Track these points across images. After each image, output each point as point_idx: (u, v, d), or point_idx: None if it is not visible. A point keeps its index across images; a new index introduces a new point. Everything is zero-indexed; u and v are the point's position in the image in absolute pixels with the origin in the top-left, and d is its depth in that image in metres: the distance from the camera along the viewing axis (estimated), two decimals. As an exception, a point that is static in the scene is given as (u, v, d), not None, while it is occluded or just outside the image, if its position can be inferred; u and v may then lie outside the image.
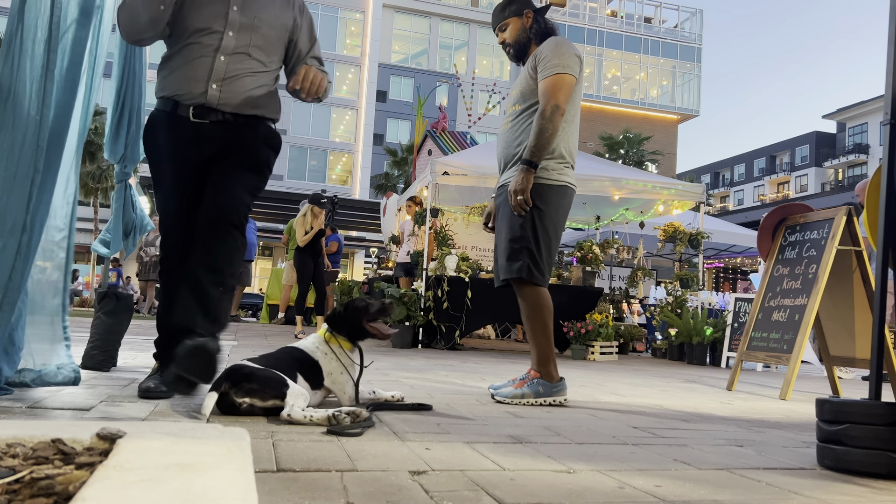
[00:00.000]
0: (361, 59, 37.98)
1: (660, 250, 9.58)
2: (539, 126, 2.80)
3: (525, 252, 2.84)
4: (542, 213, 2.86)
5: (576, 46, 2.98)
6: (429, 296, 6.58)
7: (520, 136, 2.96)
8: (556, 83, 2.83)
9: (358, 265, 34.31)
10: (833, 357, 4.06)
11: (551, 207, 2.89)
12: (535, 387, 2.80)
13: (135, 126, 2.99)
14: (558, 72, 2.84)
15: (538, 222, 2.86)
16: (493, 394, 2.87)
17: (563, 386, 2.85)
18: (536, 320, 2.86)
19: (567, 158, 2.95)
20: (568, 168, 2.97)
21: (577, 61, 2.92)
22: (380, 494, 1.27)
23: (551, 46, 2.91)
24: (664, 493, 1.41)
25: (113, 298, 3.11)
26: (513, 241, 2.88)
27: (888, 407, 1.71)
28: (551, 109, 2.80)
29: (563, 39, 2.98)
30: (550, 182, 2.89)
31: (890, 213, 1.87)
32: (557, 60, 2.86)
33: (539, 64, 2.92)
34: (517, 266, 2.85)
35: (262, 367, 2.11)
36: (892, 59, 1.89)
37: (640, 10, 49.00)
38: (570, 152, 2.97)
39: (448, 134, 10.47)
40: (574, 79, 2.89)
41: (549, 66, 2.86)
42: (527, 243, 2.84)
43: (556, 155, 2.91)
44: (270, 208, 16.17)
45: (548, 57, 2.88)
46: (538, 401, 2.78)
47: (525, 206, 2.81)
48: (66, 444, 0.89)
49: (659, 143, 45.01)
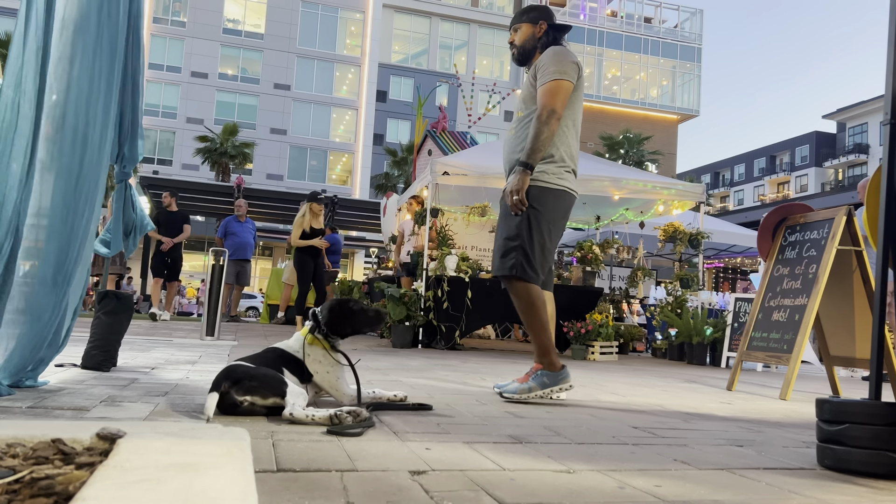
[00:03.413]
0: (361, 59, 37.98)
1: (660, 250, 9.58)
2: (535, 129, 2.89)
3: (519, 250, 2.92)
4: (538, 213, 2.94)
5: (574, 55, 3.05)
6: (429, 296, 6.58)
7: (521, 142, 3.04)
8: (553, 88, 2.92)
9: (358, 265, 34.33)
10: (833, 357, 4.06)
11: (548, 209, 2.97)
12: (539, 378, 2.86)
13: (129, 125, 2.96)
14: (555, 78, 2.93)
15: (534, 223, 2.93)
16: (501, 392, 2.91)
17: (567, 373, 2.91)
18: (531, 314, 2.94)
19: (567, 163, 3.03)
20: (568, 173, 3.04)
21: (575, 68, 3.00)
22: (380, 494, 1.27)
23: (550, 55, 3.01)
24: (664, 493, 1.41)
25: (113, 298, 3.11)
26: (508, 240, 2.96)
27: (888, 407, 1.71)
28: (547, 113, 2.89)
29: (563, 48, 3.06)
30: (549, 185, 2.97)
31: (890, 213, 1.87)
32: (555, 67, 2.95)
33: (538, 71, 3.01)
34: (510, 263, 2.93)
35: (258, 366, 2.13)
36: (892, 59, 1.89)
37: (640, 10, 49.00)
38: (571, 157, 3.05)
39: (448, 134, 10.46)
40: (571, 84, 2.97)
41: (546, 72, 2.96)
42: (521, 242, 2.92)
43: (555, 159, 2.99)
44: (270, 208, 16.18)
45: (546, 64, 2.98)
46: (546, 391, 2.84)
47: (521, 205, 2.89)
48: (66, 444, 0.89)
49: (659, 143, 45.02)
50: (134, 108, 2.97)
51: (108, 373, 2.97)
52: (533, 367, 2.93)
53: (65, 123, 2.31)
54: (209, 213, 18.18)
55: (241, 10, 37.24)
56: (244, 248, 10.02)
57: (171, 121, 35.48)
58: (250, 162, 33.62)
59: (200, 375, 3.08)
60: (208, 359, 3.97)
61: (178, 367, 3.37)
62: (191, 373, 3.17)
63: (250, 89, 36.51)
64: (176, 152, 35.22)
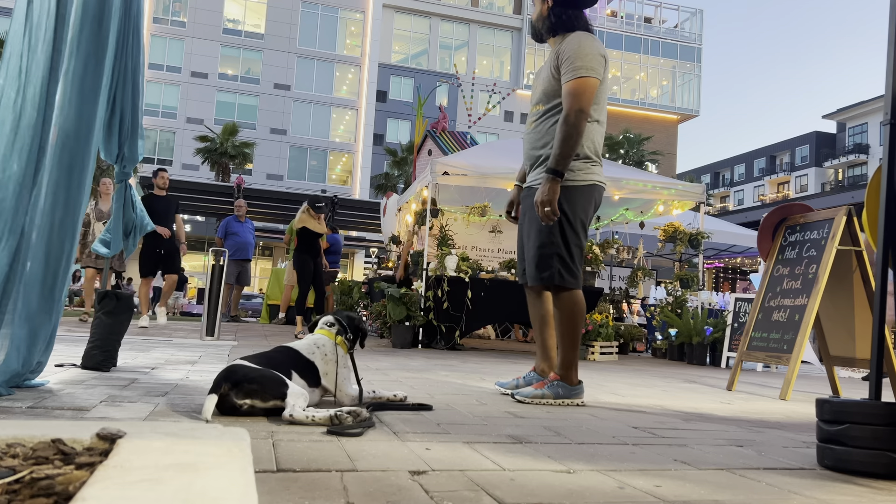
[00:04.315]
0: (361, 59, 37.97)
1: (660, 250, 9.57)
2: (563, 133, 2.74)
3: (556, 258, 2.83)
4: (570, 215, 2.84)
5: (601, 44, 2.85)
6: (429, 296, 6.58)
7: (544, 136, 2.92)
8: (580, 87, 2.75)
9: (358, 265, 34.31)
10: (833, 357, 4.06)
11: (578, 209, 2.86)
12: (555, 388, 2.83)
13: (129, 125, 2.96)
14: (581, 75, 2.76)
15: (566, 226, 2.84)
16: (513, 394, 2.89)
17: (581, 389, 2.89)
18: (569, 326, 2.87)
19: (593, 157, 2.91)
20: (595, 166, 2.92)
21: (602, 62, 2.83)
22: (380, 494, 1.27)
23: (574, 46, 2.81)
24: (664, 493, 1.41)
25: (113, 298, 3.11)
26: (542, 248, 2.86)
27: (888, 407, 1.71)
28: (575, 115, 2.73)
29: (588, 37, 2.85)
30: (577, 183, 2.85)
31: (890, 213, 1.87)
32: (581, 62, 2.77)
33: (562, 65, 2.83)
34: (548, 274, 2.84)
35: (259, 367, 2.12)
36: (892, 59, 1.89)
37: (640, 10, 48.98)
38: (596, 151, 2.93)
39: (448, 134, 10.46)
40: (598, 81, 2.81)
41: (572, 67, 2.78)
42: (556, 249, 2.83)
43: (581, 156, 2.86)
44: (270, 208, 16.17)
45: (571, 58, 2.79)
46: (557, 402, 2.82)
47: (552, 216, 2.75)
48: (66, 444, 0.89)
49: (659, 143, 45.01)
50: (134, 108, 2.97)
51: (108, 373, 2.97)
52: (550, 376, 2.89)
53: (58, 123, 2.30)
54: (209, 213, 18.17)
55: (241, 10, 37.23)
56: (245, 248, 10.01)
57: (171, 121, 35.48)
58: (250, 162, 33.61)
59: (200, 375, 3.08)
60: (208, 359, 3.97)
61: (178, 367, 3.37)
62: (191, 373, 3.17)
63: (250, 89, 36.50)
64: (176, 152, 35.21)
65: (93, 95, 2.44)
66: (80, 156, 2.37)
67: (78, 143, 2.37)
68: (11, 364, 2.19)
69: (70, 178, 2.36)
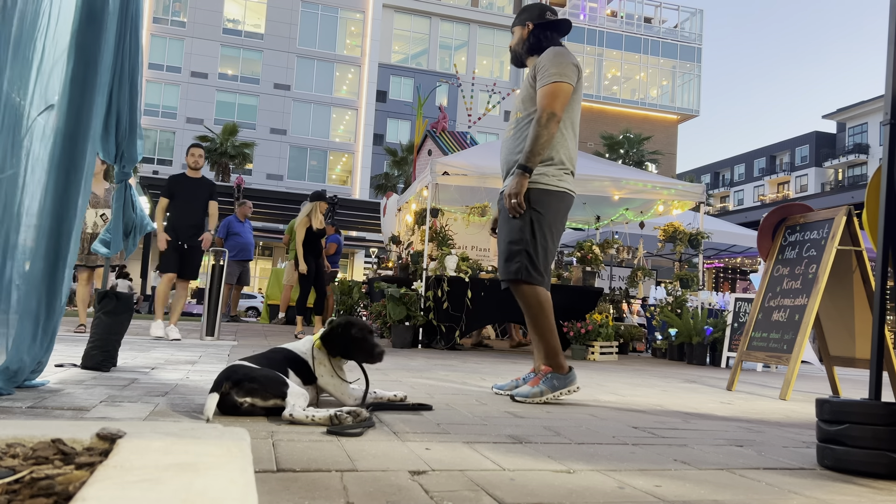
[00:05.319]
0: (361, 59, 37.97)
1: (660, 250, 9.57)
2: (535, 132, 2.89)
3: (523, 254, 2.94)
4: (540, 216, 2.96)
5: (574, 56, 3.05)
6: (429, 296, 6.58)
7: (520, 143, 3.05)
8: (553, 91, 2.92)
9: (358, 265, 34.32)
10: (833, 357, 4.06)
11: (550, 212, 2.98)
12: (549, 381, 2.90)
13: (127, 125, 2.95)
14: (555, 80, 2.93)
15: (536, 225, 2.95)
16: (513, 395, 2.92)
17: (574, 375, 2.96)
18: (538, 317, 2.96)
19: (567, 165, 3.04)
20: (567, 174, 3.05)
21: (575, 70, 3.00)
22: (380, 494, 1.27)
23: (550, 56, 3.00)
24: (664, 493, 1.41)
25: (113, 298, 3.11)
26: (511, 244, 2.98)
27: (888, 407, 1.71)
28: (547, 116, 2.89)
29: (562, 49, 3.06)
30: (549, 187, 2.98)
31: (890, 213, 1.87)
32: (555, 69, 2.95)
33: (538, 73, 3.01)
34: (515, 268, 2.95)
35: (260, 367, 2.13)
36: (892, 59, 1.89)
37: (640, 10, 48.98)
38: (570, 159, 3.06)
39: (448, 134, 10.45)
40: (571, 87, 2.97)
41: (546, 74, 2.96)
42: (525, 245, 2.94)
43: (555, 161, 3.00)
44: (270, 208, 16.16)
45: (546, 66, 2.98)
46: (556, 394, 2.88)
47: (519, 208, 2.90)
48: (66, 444, 0.89)
49: (659, 143, 45.01)
50: (132, 109, 2.97)
51: (107, 373, 2.97)
52: (542, 370, 2.94)
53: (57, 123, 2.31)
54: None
55: (241, 10, 37.22)
56: (247, 249, 10.00)
57: (171, 121, 35.46)
58: (250, 162, 33.60)
59: (200, 375, 3.09)
60: (208, 359, 3.97)
61: (178, 368, 3.37)
62: (191, 373, 3.17)
63: (250, 89, 36.50)
64: (176, 152, 35.20)
65: (90, 96, 2.44)
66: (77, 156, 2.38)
67: (75, 144, 2.38)
68: (12, 363, 2.20)
69: (68, 178, 2.36)
